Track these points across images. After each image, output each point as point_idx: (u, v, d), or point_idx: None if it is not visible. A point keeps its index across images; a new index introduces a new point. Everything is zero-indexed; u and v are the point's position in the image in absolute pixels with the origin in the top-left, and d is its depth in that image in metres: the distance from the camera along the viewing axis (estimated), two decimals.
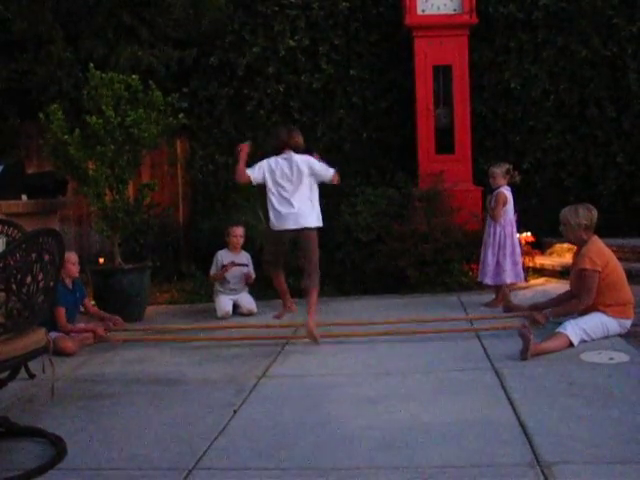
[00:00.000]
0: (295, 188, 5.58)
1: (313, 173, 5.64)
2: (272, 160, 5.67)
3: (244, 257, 6.91)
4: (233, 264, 6.76)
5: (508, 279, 6.40)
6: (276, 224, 5.63)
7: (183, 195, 9.46)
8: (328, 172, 5.70)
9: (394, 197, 8.03)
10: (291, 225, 5.58)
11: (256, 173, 5.64)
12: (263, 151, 6.26)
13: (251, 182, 5.71)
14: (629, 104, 8.75)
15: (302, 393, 4.25)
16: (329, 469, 3.14)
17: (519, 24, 8.84)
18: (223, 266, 6.78)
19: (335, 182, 5.79)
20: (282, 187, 5.59)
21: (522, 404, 3.80)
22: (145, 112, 6.80)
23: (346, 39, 9.14)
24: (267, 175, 5.63)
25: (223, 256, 6.87)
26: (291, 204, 5.57)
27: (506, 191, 6.40)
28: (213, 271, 6.92)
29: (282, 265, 6.04)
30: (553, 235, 7.33)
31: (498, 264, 6.39)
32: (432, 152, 8.46)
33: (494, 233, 6.40)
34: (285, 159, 5.64)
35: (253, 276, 6.88)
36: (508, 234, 6.39)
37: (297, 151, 5.69)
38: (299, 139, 5.74)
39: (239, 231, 6.86)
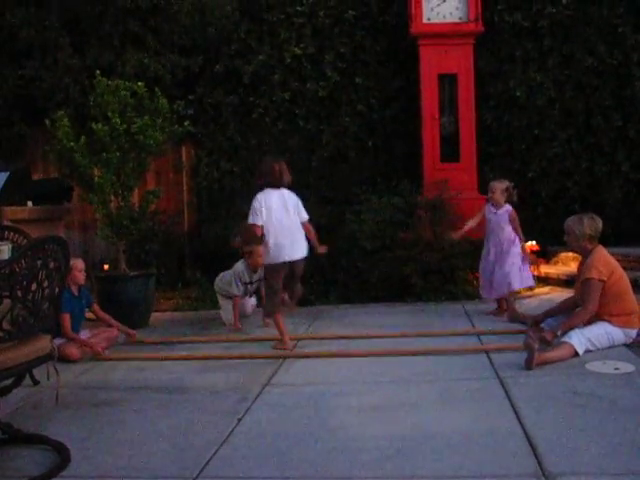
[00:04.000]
0: (288, 220, 5.65)
1: (298, 211, 5.77)
2: (261, 197, 5.63)
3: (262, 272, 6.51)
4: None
5: (516, 285, 6.42)
6: (279, 256, 5.61)
7: (188, 202, 9.47)
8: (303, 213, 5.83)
9: (399, 205, 8.01)
10: (293, 256, 5.63)
11: (255, 219, 5.61)
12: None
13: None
14: (634, 113, 8.73)
15: (306, 401, 4.25)
16: (333, 478, 3.13)
17: (525, 32, 8.84)
18: (246, 283, 6.65)
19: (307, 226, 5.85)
20: (276, 220, 5.60)
21: (527, 414, 3.79)
22: (151, 119, 6.83)
23: (352, 47, 9.15)
24: (262, 211, 5.60)
25: (244, 274, 6.58)
26: (290, 235, 5.64)
27: (511, 207, 6.46)
28: (236, 291, 6.57)
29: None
30: (558, 244, 7.31)
31: (508, 274, 6.40)
32: (437, 160, 8.46)
33: (497, 249, 6.46)
34: (274, 195, 5.65)
35: None
36: (512, 244, 6.43)
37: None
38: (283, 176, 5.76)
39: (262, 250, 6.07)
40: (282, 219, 5.61)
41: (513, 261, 6.37)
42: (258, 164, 5.90)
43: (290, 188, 5.79)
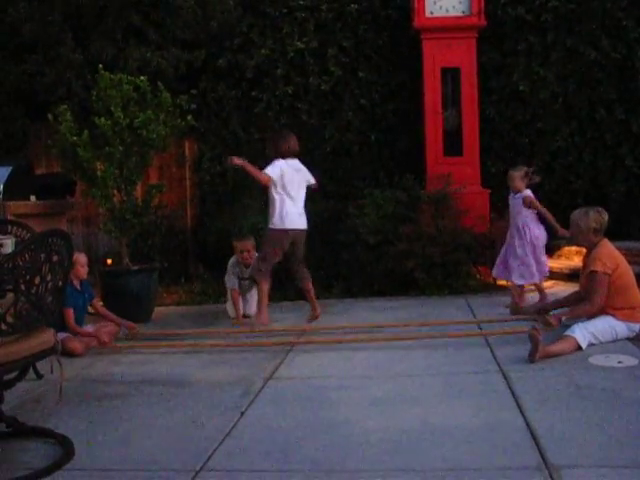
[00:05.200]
0: (298, 192, 6.15)
1: (306, 179, 6.30)
2: (282, 163, 6.09)
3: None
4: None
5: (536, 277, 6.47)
6: (287, 223, 6.06)
7: (191, 196, 9.47)
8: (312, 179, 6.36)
9: (402, 199, 8.01)
10: (300, 225, 6.16)
11: (272, 172, 6.04)
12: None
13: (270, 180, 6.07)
14: (638, 106, 8.71)
15: (310, 395, 4.25)
16: (337, 471, 3.14)
17: (528, 26, 8.82)
18: (239, 278, 6.66)
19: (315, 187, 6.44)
20: (289, 190, 6.08)
21: (530, 407, 3.79)
22: (154, 113, 6.82)
23: (354, 41, 9.14)
24: (280, 176, 6.06)
25: (236, 268, 6.61)
26: (298, 206, 6.15)
27: (531, 193, 6.44)
28: (229, 284, 6.62)
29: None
30: (561, 238, 7.30)
31: (537, 262, 6.43)
32: (440, 154, 8.44)
33: (513, 233, 6.46)
34: (290, 165, 6.14)
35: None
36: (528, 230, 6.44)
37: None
38: (297, 146, 6.28)
39: (249, 245, 6.58)
40: (292, 189, 6.07)
41: (525, 252, 6.40)
42: (273, 135, 6.41)
43: None
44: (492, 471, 3.04)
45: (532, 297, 6.85)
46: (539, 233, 6.45)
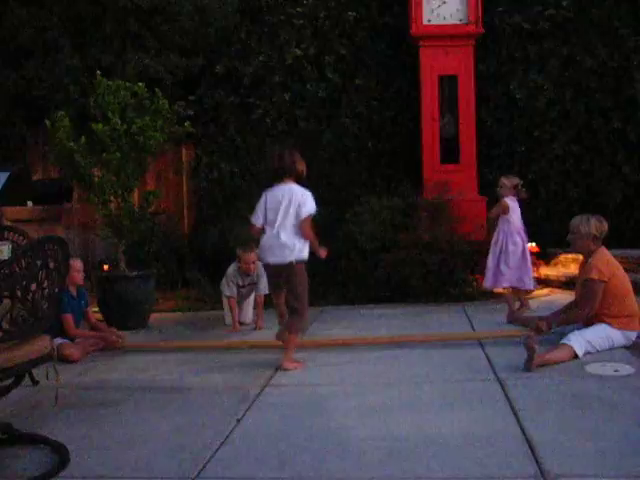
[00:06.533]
0: (282, 221, 4.99)
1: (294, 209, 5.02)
2: (269, 191, 5.13)
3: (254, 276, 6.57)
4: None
5: (505, 283, 6.42)
6: (264, 256, 5.13)
7: (188, 202, 9.47)
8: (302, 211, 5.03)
9: (399, 206, 8.02)
10: (278, 258, 5.01)
11: (256, 219, 5.13)
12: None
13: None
14: (634, 115, 8.74)
15: (306, 402, 4.24)
16: (333, 479, 3.13)
17: (525, 34, 8.86)
18: (239, 286, 6.62)
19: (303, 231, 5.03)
20: (268, 220, 5.06)
21: (526, 415, 3.78)
22: (151, 120, 6.83)
23: (352, 48, 9.16)
24: (263, 209, 5.11)
25: (236, 276, 6.57)
26: (279, 237, 4.98)
27: (510, 201, 6.39)
28: (228, 292, 6.55)
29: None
30: (558, 246, 7.33)
31: (497, 268, 6.38)
32: (437, 161, 8.47)
33: (497, 240, 6.43)
34: (279, 189, 5.09)
35: (263, 293, 6.44)
36: (516, 242, 6.38)
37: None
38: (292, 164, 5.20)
39: (254, 257, 6.22)
40: (271, 217, 5.01)
41: (513, 259, 6.38)
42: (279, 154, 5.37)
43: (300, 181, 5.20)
44: None
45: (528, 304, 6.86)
46: (512, 240, 6.42)
